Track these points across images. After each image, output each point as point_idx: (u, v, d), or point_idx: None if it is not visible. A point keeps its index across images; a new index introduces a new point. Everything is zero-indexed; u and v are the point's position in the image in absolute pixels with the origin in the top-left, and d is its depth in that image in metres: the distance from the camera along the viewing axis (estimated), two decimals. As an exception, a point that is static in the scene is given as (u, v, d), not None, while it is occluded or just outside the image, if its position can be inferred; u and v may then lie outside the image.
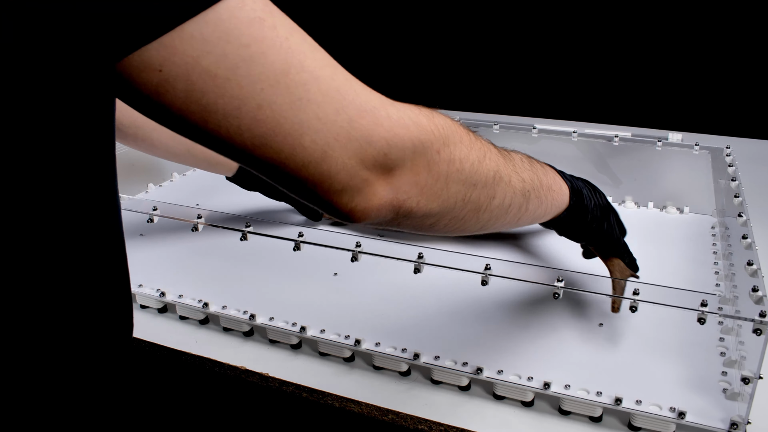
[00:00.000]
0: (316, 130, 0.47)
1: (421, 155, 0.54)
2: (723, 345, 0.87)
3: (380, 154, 0.50)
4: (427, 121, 0.55)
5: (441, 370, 0.83)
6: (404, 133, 0.52)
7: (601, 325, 0.91)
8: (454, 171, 0.57)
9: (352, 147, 0.49)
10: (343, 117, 0.48)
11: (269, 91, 0.45)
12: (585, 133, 1.31)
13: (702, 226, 1.21)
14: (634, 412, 0.75)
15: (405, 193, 0.54)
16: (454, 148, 0.57)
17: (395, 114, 0.52)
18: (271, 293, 1.01)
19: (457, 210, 0.60)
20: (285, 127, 0.46)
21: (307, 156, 0.47)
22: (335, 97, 0.48)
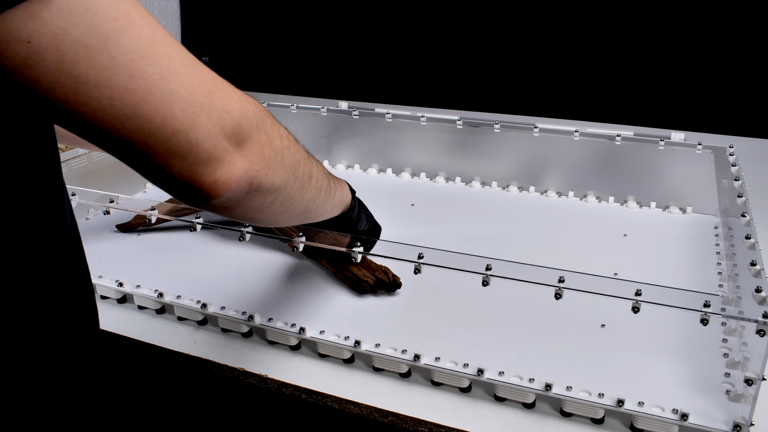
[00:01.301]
0: (184, 99, 0.49)
1: (262, 129, 0.57)
2: (726, 346, 0.86)
3: (236, 123, 0.53)
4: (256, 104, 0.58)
5: (441, 372, 0.82)
6: (250, 106, 0.56)
7: (603, 326, 0.91)
8: (286, 147, 0.62)
9: (214, 115, 0.51)
10: (204, 87, 0.51)
11: (139, 61, 0.46)
12: (587, 132, 1.30)
13: (705, 226, 1.20)
14: (637, 414, 0.74)
15: (256, 164, 0.56)
16: (279, 128, 0.62)
17: (238, 90, 0.56)
18: (270, 294, 1.01)
19: (290, 186, 0.64)
20: (156, 96, 0.47)
21: (178, 124, 0.49)
22: (195, 70, 0.51)
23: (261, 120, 0.57)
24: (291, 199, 0.66)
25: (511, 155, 1.38)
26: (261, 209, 0.63)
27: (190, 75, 0.50)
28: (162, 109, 0.48)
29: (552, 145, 1.34)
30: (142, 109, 0.47)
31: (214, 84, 0.52)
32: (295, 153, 0.65)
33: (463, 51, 1.95)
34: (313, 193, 0.72)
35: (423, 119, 1.41)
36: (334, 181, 0.84)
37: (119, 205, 1.01)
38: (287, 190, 0.64)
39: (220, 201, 0.55)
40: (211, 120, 0.51)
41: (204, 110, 0.50)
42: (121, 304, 1.02)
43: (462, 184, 1.44)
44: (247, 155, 0.55)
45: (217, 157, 0.52)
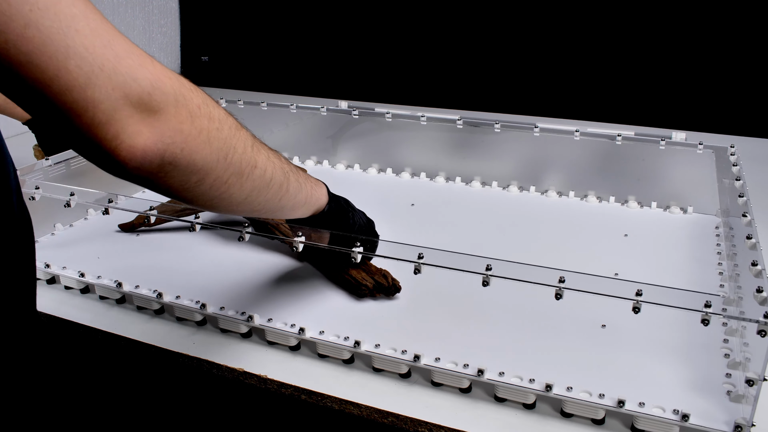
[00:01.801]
0: (82, 57, 0.50)
1: (183, 105, 0.57)
2: (727, 346, 0.86)
3: (144, 92, 0.53)
4: (186, 82, 0.59)
5: (441, 372, 0.82)
6: (167, 80, 0.56)
7: (604, 326, 0.91)
8: (215, 129, 0.61)
9: (117, 79, 0.52)
10: (110, 51, 0.51)
11: (38, 13, 0.48)
12: (587, 132, 1.30)
13: (706, 226, 1.20)
14: (637, 415, 0.74)
15: (170, 137, 0.56)
16: (213, 110, 0.62)
17: (159, 66, 0.56)
18: (269, 294, 1.01)
19: (220, 169, 0.64)
20: (50, 48, 0.48)
21: (72, 80, 0.50)
22: (104, 35, 0.52)
23: (182, 96, 0.57)
24: (224, 185, 0.66)
25: (511, 155, 1.38)
26: (185, 188, 0.62)
27: (94, 37, 0.51)
28: (55, 62, 0.49)
29: (552, 145, 1.33)
30: (36, 58, 0.48)
31: (126, 52, 0.53)
32: (230, 138, 0.64)
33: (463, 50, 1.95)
34: (258, 185, 0.71)
35: (423, 119, 1.40)
36: (304, 181, 0.84)
37: (118, 205, 1.01)
38: (216, 173, 0.64)
39: (129, 168, 0.55)
40: (112, 83, 0.51)
41: (104, 72, 0.51)
42: (120, 305, 1.02)
43: (462, 184, 1.43)
44: (157, 126, 0.55)
45: (119, 122, 0.52)
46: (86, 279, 1.03)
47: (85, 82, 0.50)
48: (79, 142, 0.53)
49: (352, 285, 1.00)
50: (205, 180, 0.63)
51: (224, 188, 0.66)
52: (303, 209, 0.87)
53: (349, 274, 1.00)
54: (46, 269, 1.06)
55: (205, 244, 1.17)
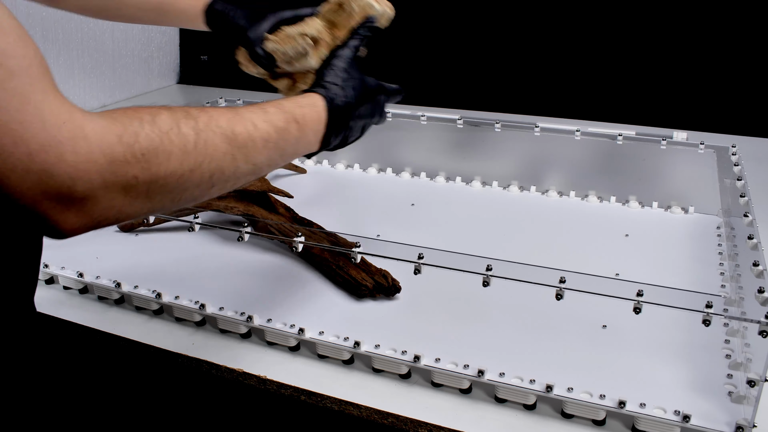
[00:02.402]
0: None
1: (113, 184, 0.53)
2: (728, 347, 0.86)
3: (64, 186, 0.50)
4: (123, 147, 0.54)
5: (442, 373, 0.82)
6: (91, 167, 0.52)
7: (605, 326, 0.91)
8: (158, 188, 0.57)
9: (31, 179, 0.49)
10: (22, 150, 0.48)
11: None
12: (588, 132, 1.30)
13: (707, 226, 1.20)
14: (638, 416, 0.74)
15: (101, 215, 0.54)
16: (158, 168, 0.57)
17: (84, 147, 0.51)
18: (268, 295, 1.00)
19: (172, 203, 0.60)
20: None
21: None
22: (17, 130, 0.48)
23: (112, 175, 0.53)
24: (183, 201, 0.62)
25: (511, 155, 1.37)
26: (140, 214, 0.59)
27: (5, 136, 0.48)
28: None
29: (553, 145, 1.33)
30: None
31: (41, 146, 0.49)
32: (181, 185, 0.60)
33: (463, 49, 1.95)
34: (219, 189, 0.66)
35: (423, 118, 1.40)
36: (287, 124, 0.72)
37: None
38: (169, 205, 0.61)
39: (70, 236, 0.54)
40: (27, 183, 0.49)
41: (17, 173, 0.49)
42: (118, 305, 1.02)
43: (462, 183, 1.43)
44: (85, 211, 0.53)
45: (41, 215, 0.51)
46: (85, 279, 1.03)
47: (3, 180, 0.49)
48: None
49: (351, 285, 0.99)
50: (158, 209, 0.60)
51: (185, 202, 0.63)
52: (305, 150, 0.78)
53: (348, 274, 1.00)
54: (44, 269, 1.06)
55: (205, 245, 1.17)
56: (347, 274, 1.00)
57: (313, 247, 1.02)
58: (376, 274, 0.99)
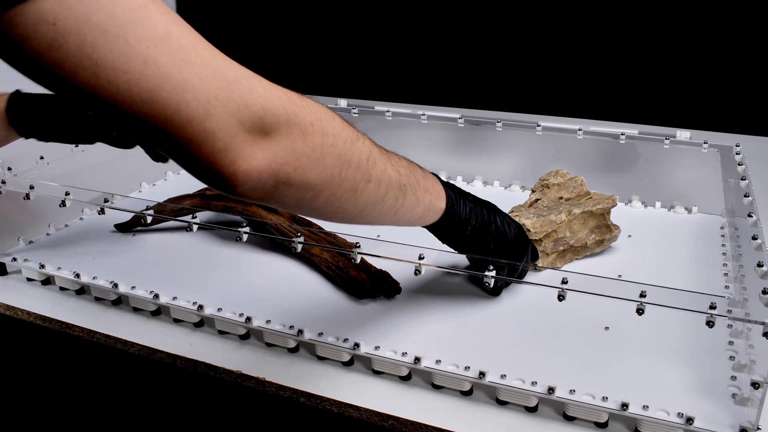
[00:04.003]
0: (198, 88, 0.51)
1: (294, 125, 0.58)
2: (732, 349, 0.85)
3: (256, 116, 0.55)
4: (298, 98, 0.60)
5: (442, 375, 0.81)
6: (278, 101, 0.57)
7: (607, 328, 0.90)
8: (328, 145, 0.62)
9: (231, 107, 0.53)
10: (221, 80, 0.53)
11: (154, 49, 0.49)
12: (590, 130, 1.29)
13: (711, 227, 1.19)
14: (641, 418, 0.73)
15: (283, 158, 0.58)
16: (327, 124, 0.62)
17: (269, 86, 0.58)
18: (267, 296, 1.00)
19: (334, 186, 0.64)
20: (170, 83, 0.50)
21: (191, 112, 0.51)
22: (213, 63, 0.53)
23: (293, 115, 0.59)
24: (338, 200, 0.67)
25: (513, 154, 1.37)
26: (300, 204, 0.64)
27: (205, 66, 0.52)
28: (176, 97, 0.50)
29: (555, 144, 1.33)
30: (157, 95, 0.50)
31: (235, 77, 0.54)
32: (344, 153, 0.65)
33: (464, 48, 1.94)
34: (372, 199, 0.71)
35: (424, 117, 1.40)
36: (423, 194, 0.81)
37: (114, 205, 1.00)
38: (330, 190, 0.65)
39: (245, 190, 0.57)
40: (227, 111, 0.53)
41: (219, 101, 0.52)
42: (115, 306, 1.01)
43: (463, 183, 1.43)
44: (270, 148, 0.57)
45: (235, 148, 0.54)
46: (82, 280, 1.02)
47: (203, 114, 0.52)
48: (197, 168, 0.55)
49: (351, 286, 0.99)
50: (320, 197, 0.64)
51: (338, 203, 0.67)
52: (421, 221, 0.85)
53: (348, 275, 0.99)
54: (41, 270, 1.05)
55: (203, 245, 1.17)
56: (347, 274, 1.00)
57: (312, 247, 1.02)
58: (376, 275, 0.99)
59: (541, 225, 1.02)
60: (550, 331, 0.90)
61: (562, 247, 1.05)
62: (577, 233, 1.06)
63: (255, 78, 0.57)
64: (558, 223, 1.03)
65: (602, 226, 1.08)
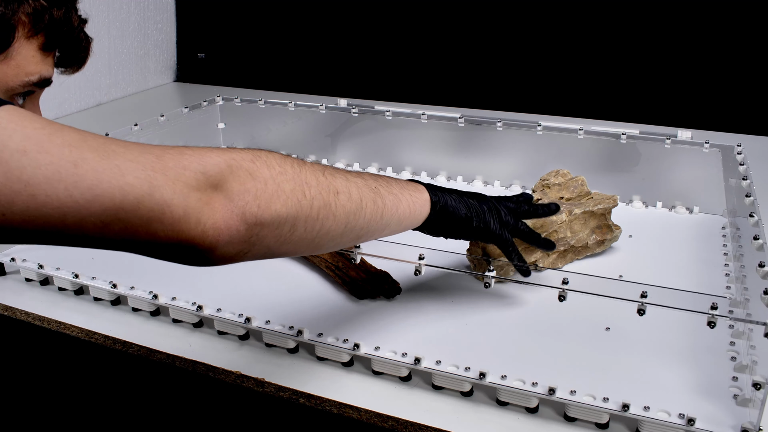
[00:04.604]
0: (134, 168, 0.53)
1: (237, 167, 0.59)
2: (734, 349, 0.85)
3: (199, 173, 0.56)
4: (227, 149, 0.61)
5: (442, 375, 0.81)
6: (211, 155, 0.58)
7: (608, 329, 0.90)
8: (278, 174, 0.62)
9: (171, 174, 0.54)
10: (150, 155, 0.54)
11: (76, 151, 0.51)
12: (591, 130, 1.29)
13: (712, 227, 1.19)
14: (642, 419, 0.73)
15: (242, 200, 0.58)
16: (267, 158, 0.63)
17: (194, 148, 0.59)
18: (267, 296, 1.00)
19: (305, 209, 0.64)
20: (106, 174, 0.51)
21: (137, 191, 0.52)
22: (134, 147, 0.55)
23: (232, 159, 0.59)
24: (317, 222, 0.66)
25: (513, 154, 1.37)
26: (283, 241, 0.64)
27: (129, 150, 0.54)
28: (116, 182, 0.52)
29: (556, 144, 1.32)
30: (98, 189, 0.51)
31: (160, 149, 0.56)
32: (298, 175, 0.65)
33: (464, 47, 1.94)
34: (350, 208, 0.70)
35: (424, 117, 1.39)
36: (399, 191, 0.80)
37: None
38: (303, 214, 0.64)
39: (223, 249, 0.58)
40: (170, 178, 0.54)
41: (158, 172, 0.54)
42: (114, 306, 1.01)
43: (464, 183, 1.42)
44: (226, 196, 0.58)
45: (194, 208, 0.55)
46: (80, 280, 1.02)
47: (149, 188, 0.53)
48: (171, 249, 0.57)
49: (351, 286, 0.98)
50: (297, 225, 0.64)
51: (318, 225, 0.66)
52: (410, 220, 0.83)
53: (348, 275, 0.99)
54: (39, 270, 1.05)
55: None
56: (346, 275, 0.99)
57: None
58: (375, 275, 0.98)
59: (542, 225, 1.02)
60: (551, 331, 0.90)
61: (563, 247, 1.05)
62: (577, 233, 1.05)
63: (177, 147, 0.58)
64: (558, 223, 1.03)
65: (603, 226, 1.08)
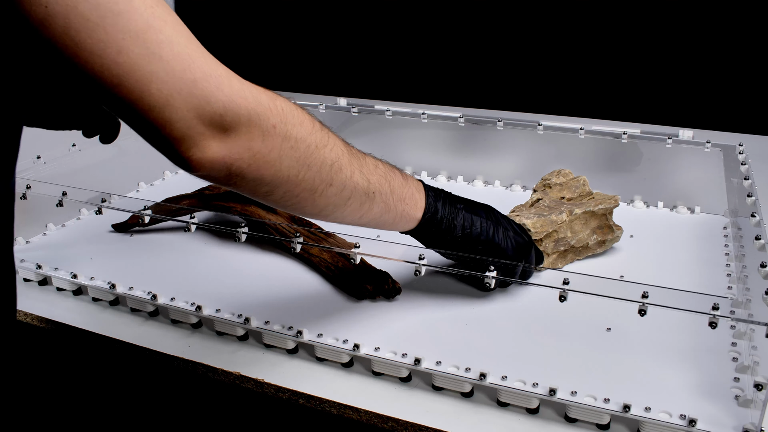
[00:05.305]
0: (163, 81, 0.57)
1: (255, 125, 0.63)
2: (735, 350, 0.85)
3: (216, 114, 0.60)
4: (267, 99, 0.65)
5: (443, 376, 0.81)
6: (242, 102, 0.62)
7: (609, 329, 0.89)
8: (288, 148, 0.67)
9: (192, 102, 0.58)
10: (188, 76, 0.58)
11: (129, 41, 0.55)
12: (592, 130, 1.29)
13: (713, 227, 1.19)
14: (643, 420, 0.73)
15: (237, 154, 0.63)
16: (292, 128, 0.67)
17: (237, 85, 0.62)
18: (266, 296, 0.99)
19: (290, 185, 0.69)
20: (137, 73, 0.56)
21: (153, 101, 0.57)
22: (184, 60, 0.58)
23: (257, 116, 0.63)
24: (294, 198, 0.71)
25: (514, 153, 1.37)
26: (255, 195, 0.69)
27: (175, 62, 0.57)
28: (140, 86, 0.56)
29: (556, 143, 1.32)
30: (125, 81, 0.56)
31: (204, 74, 0.59)
32: (306, 156, 0.69)
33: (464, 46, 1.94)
34: (333, 201, 0.74)
35: (424, 116, 1.39)
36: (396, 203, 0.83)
37: (111, 205, 1.00)
38: (285, 188, 0.69)
39: (200, 175, 0.63)
40: (187, 105, 0.58)
41: (181, 95, 0.58)
42: (113, 307, 1.01)
43: (464, 183, 1.42)
44: (226, 144, 0.61)
45: (191, 138, 0.59)
46: (79, 280, 1.01)
47: (163, 104, 0.57)
48: (158, 146, 0.61)
49: (351, 287, 0.98)
50: (275, 192, 0.69)
51: (295, 200, 0.71)
52: (393, 227, 0.88)
53: (348, 276, 0.98)
54: (37, 270, 1.05)
55: (201, 245, 1.16)
56: (346, 275, 0.99)
57: (311, 247, 1.01)
58: (375, 276, 0.98)
59: (542, 225, 1.02)
60: (552, 332, 0.90)
61: (563, 247, 1.04)
62: (578, 233, 1.05)
63: (226, 77, 0.61)
64: (559, 223, 1.02)
65: (604, 226, 1.08)
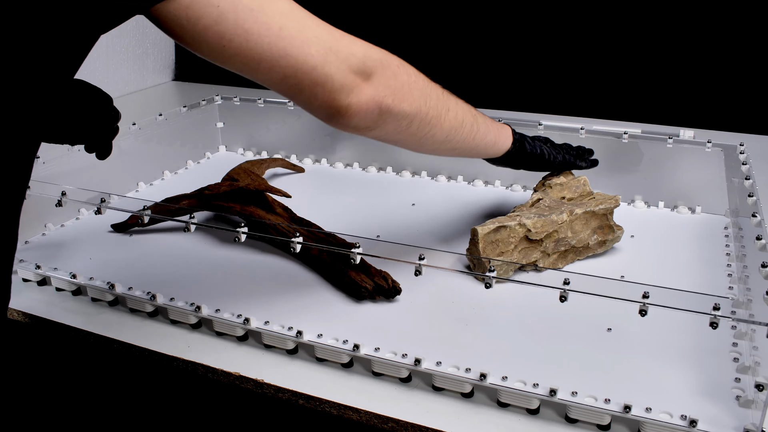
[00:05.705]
0: (318, 43, 0.69)
1: (387, 67, 0.76)
2: (736, 350, 0.85)
3: (360, 62, 0.73)
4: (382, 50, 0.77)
5: (443, 377, 0.80)
6: (374, 51, 0.75)
7: (610, 329, 0.89)
8: (412, 82, 0.80)
9: (341, 56, 0.71)
10: (332, 37, 0.71)
11: (284, 19, 0.67)
12: (593, 129, 1.29)
13: (714, 227, 1.19)
14: (644, 420, 0.73)
15: (382, 92, 0.75)
16: (408, 68, 0.81)
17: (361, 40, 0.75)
18: (266, 296, 0.99)
19: (422, 113, 0.82)
20: (298, 41, 0.68)
21: (314, 61, 0.69)
22: (323, 26, 0.72)
23: (385, 61, 0.76)
24: (427, 126, 0.84)
25: (514, 154, 1.36)
26: (399, 131, 0.81)
27: (321, 28, 0.71)
28: (304, 50, 0.68)
29: (557, 143, 1.31)
30: (290, 50, 0.68)
31: (340, 34, 0.72)
32: (424, 88, 0.82)
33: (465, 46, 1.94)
34: (454, 124, 0.88)
35: (425, 117, 1.39)
36: (491, 123, 0.99)
37: (111, 205, 1.00)
38: (420, 116, 0.82)
39: (357, 121, 0.75)
40: (339, 58, 0.70)
41: (333, 51, 0.70)
42: (112, 307, 1.01)
43: (464, 183, 1.42)
44: (372, 85, 0.74)
45: (348, 86, 0.72)
46: (78, 280, 1.01)
47: (323, 62, 0.69)
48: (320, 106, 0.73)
49: (351, 287, 0.98)
50: (413, 122, 0.82)
51: (428, 129, 0.84)
52: (495, 148, 1.03)
53: (348, 276, 0.98)
54: (36, 270, 1.05)
55: (200, 245, 1.16)
56: (346, 275, 0.99)
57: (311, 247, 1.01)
58: (375, 276, 0.98)
59: (542, 225, 1.01)
60: (552, 332, 0.90)
61: (564, 247, 1.04)
62: (579, 233, 1.05)
63: (351, 36, 0.74)
64: (559, 223, 1.02)
65: (605, 226, 1.07)
